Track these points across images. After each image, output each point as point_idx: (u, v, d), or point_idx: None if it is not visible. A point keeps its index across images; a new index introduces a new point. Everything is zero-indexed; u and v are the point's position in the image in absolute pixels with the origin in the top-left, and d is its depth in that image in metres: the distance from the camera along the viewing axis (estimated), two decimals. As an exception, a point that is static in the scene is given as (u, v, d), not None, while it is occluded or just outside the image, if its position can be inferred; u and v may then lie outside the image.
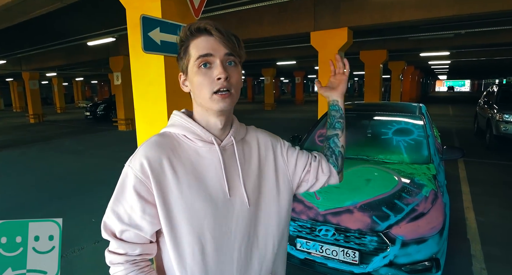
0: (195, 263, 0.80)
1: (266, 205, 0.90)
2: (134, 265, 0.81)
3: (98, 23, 8.17)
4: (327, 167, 1.02)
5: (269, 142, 0.97)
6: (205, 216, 0.80)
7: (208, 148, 0.84)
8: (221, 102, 0.78)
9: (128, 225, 0.79)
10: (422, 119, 3.36)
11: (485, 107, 8.28)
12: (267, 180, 0.92)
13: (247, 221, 0.85)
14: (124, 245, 0.80)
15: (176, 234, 0.79)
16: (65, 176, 6.11)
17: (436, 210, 2.27)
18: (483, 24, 8.41)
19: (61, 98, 24.45)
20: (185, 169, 0.81)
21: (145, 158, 0.78)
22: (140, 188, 0.78)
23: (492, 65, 21.88)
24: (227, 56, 0.79)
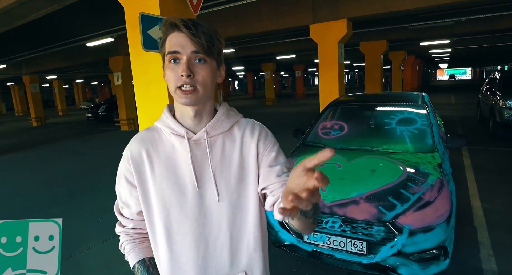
0: (163, 244, 0.90)
1: (244, 202, 0.90)
2: (128, 236, 0.99)
3: (97, 24, 8.15)
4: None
5: (255, 138, 0.92)
6: (171, 203, 0.87)
7: (180, 141, 0.90)
8: (183, 98, 0.83)
9: (124, 203, 0.95)
10: (425, 108, 3.35)
11: (487, 94, 8.23)
12: (248, 177, 0.91)
13: (217, 215, 0.88)
14: (123, 219, 0.98)
15: (150, 216, 0.90)
16: (70, 177, 6.15)
17: (443, 198, 2.27)
18: (483, 11, 8.32)
19: (62, 100, 24.51)
20: (160, 160, 0.89)
21: (129, 150, 0.92)
22: (127, 174, 0.92)
23: (494, 52, 21.67)
24: (195, 54, 0.82)
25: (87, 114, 16.58)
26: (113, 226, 1.03)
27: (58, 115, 23.24)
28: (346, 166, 2.74)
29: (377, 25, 9.81)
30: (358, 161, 2.80)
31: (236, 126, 0.94)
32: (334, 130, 3.49)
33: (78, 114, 22.26)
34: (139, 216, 0.94)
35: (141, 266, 0.95)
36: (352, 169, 2.69)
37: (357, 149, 3.08)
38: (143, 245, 0.98)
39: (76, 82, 31.19)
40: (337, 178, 2.58)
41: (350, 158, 2.86)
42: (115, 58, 11.80)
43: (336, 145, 3.23)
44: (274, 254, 2.91)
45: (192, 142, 0.89)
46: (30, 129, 15.36)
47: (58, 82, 23.78)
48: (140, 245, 0.98)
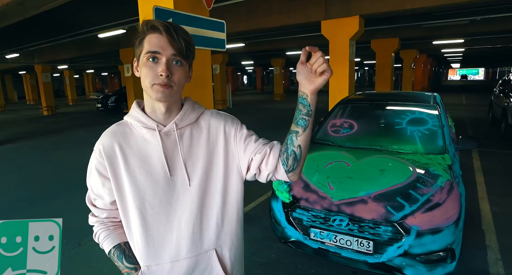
0: (138, 229, 0.96)
1: (212, 185, 0.99)
2: (102, 224, 1.04)
3: (109, 15, 8.18)
4: (273, 163, 0.99)
5: (221, 126, 1.02)
6: (146, 190, 0.94)
7: (151, 134, 0.97)
8: (159, 93, 0.89)
9: (96, 194, 1.01)
10: (437, 108, 3.31)
11: (500, 96, 8.09)
12: (216, 163, 1.00)
13: (188, 198, 0.96)
14: (96, 210, 1.03)
15: (124, 204, 0.96)
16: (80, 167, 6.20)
17: (452, 200, 2.26)
18: (499, 10, 8.13)
19: (73, 90, 24.75)
20: (132, 152, 0.96)
21: (101, 144, 0.97)
22: (99, 167, 0.97)
23: (508, 53, 21.22)
24: (173, 56, 0.89)
25: (96, 105, 16.73)
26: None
27: (68, 104, 23.48)
28: (355, 164, 2.73)
29: (389, 23, 9.68)
30: (367, 160, 2.79)
31: (201, 117, 1.03)
32: (344, 128, 3.47)
33: (87, 105, 22.47)
34: (112, 206, 1.00)
35: (117, 250, 1.01)
36: (361, 168, 2.68)
37: (367, 148, 3.07)
38: (118, 231, 1.03)
39: (87, 73, 31.42)
40: (345, 176, 2.58)
41: (359, 157, 2.85)
42: (126, 50, 11.86)
43: (345, 143, 3.22)
44: (280, 250, 2.94)
45: (162, 134, 0.96)
46: (41, 118, 15.56)
47: (69, 72, 24.01)
48: (114, 232, 1.03)
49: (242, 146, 1.01)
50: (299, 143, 0.95)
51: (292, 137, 0.96)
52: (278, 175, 1.01)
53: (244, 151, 1.01)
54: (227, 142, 1.01)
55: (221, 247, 1.02)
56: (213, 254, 1.00)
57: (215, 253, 1.00)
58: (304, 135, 0.95)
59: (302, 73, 0.92)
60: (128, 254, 1.01)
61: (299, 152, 0.96)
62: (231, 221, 1.03)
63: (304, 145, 0.96)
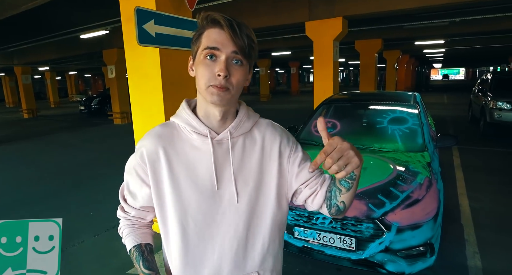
0: (177, 243, 0.88)
1: (262, 205, 0.90)
2: (128, 221, 0.99)
3: (91, 16, 8.05)
4: (319, 203, 0.94)
5: (277, 142, 0.93)
6: (189, 203, 0.86)
7: (203, 141, 0.87)
8: (215, 95, 0.80)
9: (129, 192, 0.95)
10: (417, 107, 3.40)
11: (479, 95, 8.35)
12: (268, 180, 0.91)
13: (234, 216, 0.87)
14: (126, 206, 0.98)
15: (164, 214, 0.89)
16: (62, 171, 6.11)
17: (430, 196, 2.32)
18: (477, 12, 8.39)
19: (55, 92, 24.19)
20: (179, 159, 0.87)
21: (144, 146, 0.89)
22: (138, 169, 0.90)
23: (486, 53, 21.90)
24: (233, 54, 0.80)
25: (80, 107, 16.41)
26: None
27: (50, 107, 22.95)
28: (337, 163, 2.77)
29: (372, 24, 9.85)
30: (350, 159, 2.84)
31: (255, 127, 0.94)
32: (327, 128, 3.51)
33: (70, 107, 22.01)
34: (143, 208, 0.95)
35: (136, 250, 0.95)
36: (343, 166, 2.72)
37: (349, 147, 3.12)
38: (141, 230, 0.98)
39: (69, 74, 30.75)
40: (328, 175, 2.61)
41: (342, 156, 2.89)
42: (109, 51, 11.68)
43: (328, 142, 3.26)
44: (265, 249, 2.95)
45: (214, 142, 0.87)
46: (21, 121, 15.15)
47: (50, 73, 23.46)
48: (138, 231, 0.98)
49: (295, 171, 0.93)
50: (342, 199, 0.89)
51: (336, 191, 0.88)
52: (323, 212, 0.97)
53: (296, 177, 0.93)
54: (281, 161, 0.93)
55: (264, 270, 0.93)
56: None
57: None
58: (348, 194, 0.87)
59: None
60: (147, 257, 0.95)
61: (343, 206, 0.90)
62: (276, 243, 0.96)
63: (348, 201, 0.89)
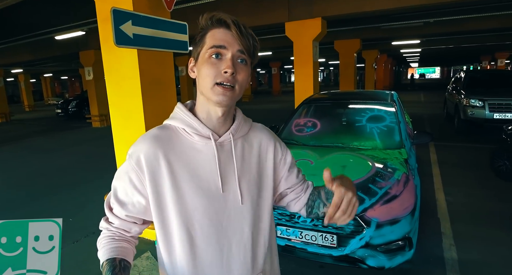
0: (184, 252, 0.85)
1: (262, 206, 0.93)
2: (109, 232, 0.90)
3: (66, 16, 7.84)
4: (299, 207, 1.02)
5: (272, 146, 0.96)
6: (195, 208, 0.84)
7: (205, 143, 0.86)
8: (221, 95, 0.79)
9: (117, 200, 0.88)
10: (394, 106, 3.49)
11: (453, 93, 8.64)
12: (266, 181, 0.94)
13: (239, 217, 0.88)
14: (110, 216, 0.90)
15: (166, 224, 0.85)
16: (38, 176, 5.92)
17: (408, 192, 2.39)
18: (451, 13, 8.71)
19: (29, 95, 23.35)
20: (180, 163, 0.84)
21: (142, 153, 0.83)
22: (132, 175, 0.84)
23: (460, 52, 22.72)
24: (239, 53, 0.80)
25: (56, 110, 15.92)
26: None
27: (25, 111, 22.15)
28: (318, 162, 2.82)
29: (351, 24, 10.04)
30: (330, 157, 2.89)
31: (251, 130, 0.96)
32: (307, 127, 3.57)
33: (46, 110, 21.34)
34: (128, 218, 0.89)
35: (108, 265, 0.83)
36: (324, 165, 2.77)
37: (329, 145, 3.17)
38: (120, 244, 0.89)
39: (44, 77, 29.81)
40: (309, 174, 2.62)
41: (322, 154, 2.94)
42: (86, 52, 11.40)
43: (309, 142, 3.31)
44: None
45: (217, 144, 0.86)
46: (-6, 126, 14.58)
47: (24, 76, 22.64)
48: (115, 244, 0.88)
49: (284, 175, 0.99)
50: (324, 211, 0.93)
51: (320, 204, 0.94)
52: (300, 213, 1.05)
53: (284, 181, 0.99)
54: (275, 164, 0.97)
55: (265, 270, 0.95)
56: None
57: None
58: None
59: None
60: (117, 273, 0.82)
61: (322, 215, 0.95)
62: (274, 244, 1.00)
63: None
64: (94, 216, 3.70)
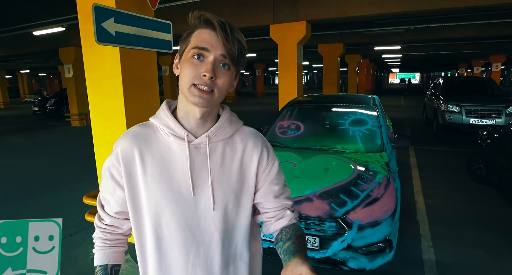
0: (151, 249, 0.86)
1: (240, 215, 0.89)
2: (102, 233, 0.93)
3: (45, 11, 7.60)
4: (269, 231, 0.96)
5: (257, 152, 0.91)
6: (163, 208, 0.83)
7: (180, 144, 0.84)
8: (197, 97, 0.78)
9: (104, 197, 0.90)
10: (376, 110, 3.55)
11: (432, 98, 8.89)
12: (246, 189, 0.90)
13: (210, 223, 0.85)
14: (102, 213, 0.92)
15: (139, 219, 0.86)
16: (13, 176, 5.69)
17: (389, 195, 2.43)
18: (430, 21, 8.99)
19: (4, 92, 22.49)
20: (154, 161, 0.84)
21: (120, 146, 0.85)
22: (113, 171, 0.86)
23: (438, 59, 23.47)
24: (222, 57, 0.79)
25: (33, 108, 15.38)
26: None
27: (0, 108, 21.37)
28: (301, 164, 2.83)
29: (334, 29, 10.19)
30: (313, 160, 2.91)
31: (237, 134, 0.92)
32: (291, 130, 3.58)
33: (22, 108, 20.61)
34: (117, 215, 0.90)
35: (101, 271, 0.91)
36: (306, 167, 2.79)
37: (313, 148, 3.20)
38: (112, 249, 0.93)
39: (21, 73, 28.80)
40: (292, 176, 2.66)
41: (305, 157, 2.96)
42: (66, 49, 11.08)
43: (292, 144, 3.32)
44: (231, 252, 2.94)
45: (191, 146, 0.84)
46: (-35, 123, 13.97)
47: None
48: (108, 249, 0.93)
49: (264, 186, 0.92)
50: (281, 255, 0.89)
51: (279, 248, 0.89)
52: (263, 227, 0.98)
53: (262, 194, 0.92)
54: (258, 172, 0.91)
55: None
56: None
57: None
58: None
59: None
60: None
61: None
62: (254, 255, 0.96)
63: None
64: (71, 218, 3.59)
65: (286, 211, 0.95)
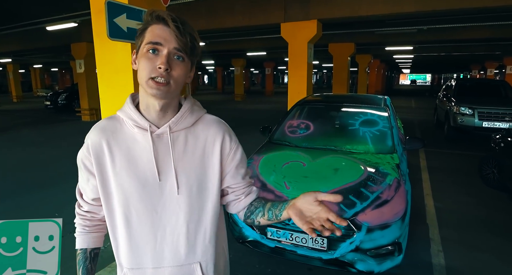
0: (122, 230, 0.93)
1: (204, 199, 0.95)
2: (82, 220, 1.02)
3: (59, 7, 7.68)
4: (237, 209, 1.04)
5: (219, 139, 0.96)
6: (131, 193, 0.90)
7: (143, 134, 0.91)
8: (154, 89, 0.83)
9: (81, 186, 0.98)
10: (387, 110, 3.50)
11: (444, 100, 8.75)
12: (210, 174, 0.95)
13: (175, 207, 0.92)
14: (80, 201, 1.00)
15: (109, 204, 0.93)
16: (24, 169, 5.77)
17: (399, 197, 2.39)
18: (444, 21, 8.83)
19: (18, 86, 22.86)
20: (120, 151, 0.91)
21: (90, 139, 0.92)
22: (86, 161, 0.93)
23: (451, 60, 23.09)
24: (175, 50, 0.83)
25: (45, 102, 15.58)
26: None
27: (12, 101, 21.69)
28: (310, 164, 2.80)
29: (345, 28, 10.09)
30: (322, 160, 2.88)
31: (200, 122, 0.97)
32: (300, 129, 3.55)
33: (35, 102, 20.90)
34: (94, 202, 0.97)
35: (81, 254, 1.00)
36: (316, 167, 2.76)
37: (322, 148, 3.16)
38: (91, 235, 1.01)
39: (34, 68, 29.22)
40: (301, 176, 2.63)
41: (315, 157, 2.93)
42: (78, 45, 11.20)
43: (301, 143, 3.30)
44: (237, 250, 2.93)
45: (154, 136, 0.91)
46: (-21, 116, 14.23)
47: (13, 66, 22.16)
48: (88, 235, 1.01)
49: (229, 171, 0.99)
50: (259, 220, 1.00)
51: (260, 213, 0.99)
52: (238, 215, 1.06)
53: (230, 178, 0.99)
54: (222, 158, 0.97)
55: (206, 262, 0.97)
56: (197, 268, 0.96)
57: (199, 267, 0.96)
58: (267, 221, 0.98)
59: (306, 207, 0.87)
60: (87, 265, 0.99)
61: (257, 224, 1.01)
62: (219, 237, 1.01)
63: (264, 224, 1.01)
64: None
65: (252, 187, 1.05)
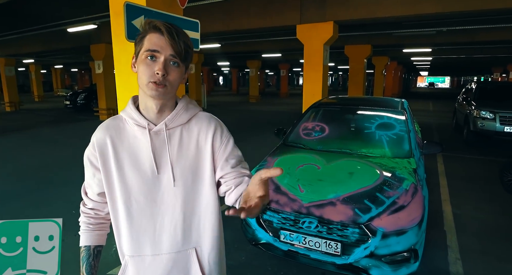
0: (123, 220, 1.01)
1: (198, 189, 1.03)
2: (86, 217, 1.09)
3: (80, 9, 7.88)
4: (231, 201, 1.06)
5: (210, 133, 1.04)
6: (132, 186, 0.99)
7: (142, 132, 1.00)
8: (154, 90, 0.93)
9: (87, 183, 1.06)
10: (404, 114, 3.43)
11: (463, 104, 8.52)
12: (203, 167, 1.04)
13: (172, 198, 1.01)
14: (86, 199, 1.09)
15: (112, 196, 1.01)
16: (43, 166, 5.94)
17: (416, 203, 2.34)
18: (463, 23, 8.61)
19: (39, 85, 23.60)
20: (123, 147, 1.00)
21: (95, 137, 1.02)
22: (92, 158, 1.02)
23: (471, 63, 22.49)
24: (171, 57, 0.93)
25: (65, 102, 16.02)
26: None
27: (34, 101, 22.38)
28: (325, 167, 2.78)
29: (362, 30, 9.97)
30: (337, 163, 2.84)
31: (194, 119, 1.06)
32: (315, 132, 3.52)
33: (55, 101, 21.50)
34: (100, 197, 1.05)
35: (85, 251, 1.07)
36: (330, 171, 2.73)
37: (337, 151, 3.13)
38: (95, 232, 1.09)
39: (55, 68, 30.06)
40: (316, 179, 2.61)
41: (330, 160, 2.90)
42: (97, 46, 11.46)
43: (316, 146, 3.27)
44: (250, 252, 2.93)
45: (152, 133, 1.00)
46: (3, 114, 14.71)
47: (35, 66, 22.88)
48: (91, 232, 1.09)
49: (220, 163, 1.05)
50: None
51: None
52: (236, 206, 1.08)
53: (220, 169, 1.05)
54: (213, 151, 1.05)
55: (201, 247, 1.06)
56: (193, 253, 1.05)
57: (195, 252, 1.05)
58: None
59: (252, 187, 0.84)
60: (91, 262, 1.06)
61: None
62: (213, 224, 1.08)
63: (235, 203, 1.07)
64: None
65: (245, 178, 1.06)
